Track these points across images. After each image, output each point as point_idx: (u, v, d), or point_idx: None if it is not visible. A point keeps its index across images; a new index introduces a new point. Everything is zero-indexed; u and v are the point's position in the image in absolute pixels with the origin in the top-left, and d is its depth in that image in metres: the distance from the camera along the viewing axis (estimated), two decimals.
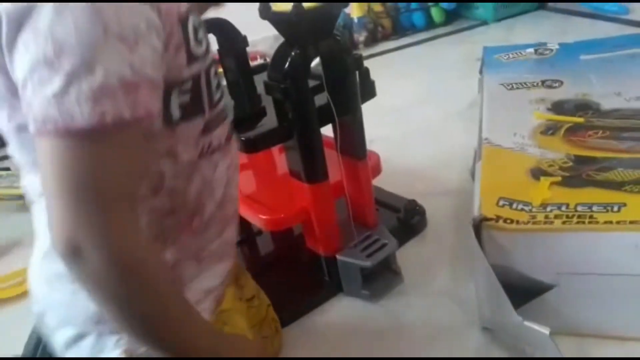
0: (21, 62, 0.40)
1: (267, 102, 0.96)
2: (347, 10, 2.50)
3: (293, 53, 0.86)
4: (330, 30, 0.90)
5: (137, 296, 0.46)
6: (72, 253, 0.42)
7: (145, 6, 0.43)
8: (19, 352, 0.88)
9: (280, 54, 0.88)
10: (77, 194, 0.41)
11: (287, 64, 0.85)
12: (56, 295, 0.56)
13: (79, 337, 0.56)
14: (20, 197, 1.55)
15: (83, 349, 0.56)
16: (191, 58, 0.49)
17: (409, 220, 1.22)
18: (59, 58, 0.39)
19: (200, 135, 0.55)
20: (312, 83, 0.91)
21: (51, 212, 0.42)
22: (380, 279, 1.06)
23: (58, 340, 0.58)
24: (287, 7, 0.82)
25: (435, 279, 1.09)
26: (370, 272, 1.04)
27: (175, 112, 0.50)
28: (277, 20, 0.87)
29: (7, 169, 1.84)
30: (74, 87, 0.39)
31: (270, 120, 0.92)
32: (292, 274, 1.15)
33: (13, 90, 0.44)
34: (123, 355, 0.54)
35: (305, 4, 0.81)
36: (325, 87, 0.91)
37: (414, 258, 1.15)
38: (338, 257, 1.02)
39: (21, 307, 1.19)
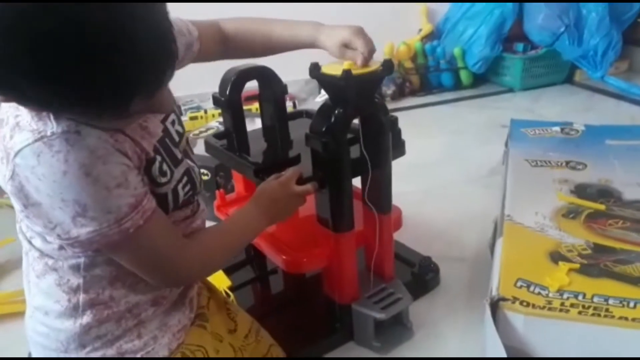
0: (53, 213, 0.59)
1: (301, 150, 1.01)
2: None
3: (336, 112, 0.90)
4: (373, 93, 0.94)
5: (214, 260, 0.79)
6: (172, 285, 0.75)
7: (122, 157, 0.61)
8: None
9: (325, 110, 0.93)
10: (141, 266, 0.68)
11: (331, 121, 0.90)
12: (36, 328, 0.72)
13: None
14: None
15: None
16: (156, 184, 0.68)
17: (423, 276, 1.24)
18: (85, 213, 0.59)
19: None
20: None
21: (143, 276, 0.69)
22: (391, 331, 1.08)
23: None
24: (336, 69, 0.86)
25: (444, 343, 1.10)
26: (382, 323, 1.06)
27: None
28: (325, 81, 0.91)
29: None
30: (103, 223, 0.60)
31: (303, 168, 0.96)
32: (303, 317, 1.16)
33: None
34: None
35: (354, 70, 0.85)
36: (362, 143, 0.95)
37: (425, 315, 1.17)
38: (353, 306, 1.05)
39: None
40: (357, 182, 1.02)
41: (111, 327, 0.70)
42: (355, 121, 0.96)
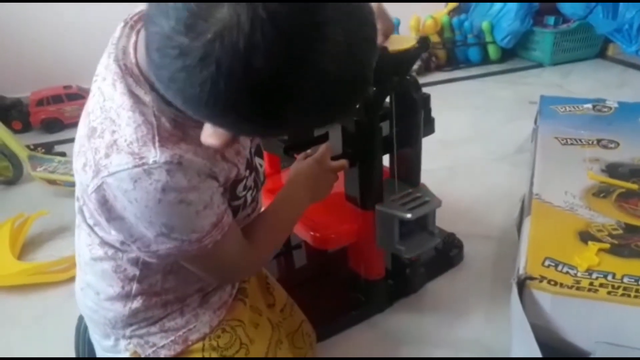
0: (137, 229, 0.59)
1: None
2: None
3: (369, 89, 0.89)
4: (407, 71, 0.93)
5: (268, 254, 0.81)
6: (230, 283, 0.79)
7: (213, 182, 0.61)
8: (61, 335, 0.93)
9: None
10: (207, 271, 0.69)
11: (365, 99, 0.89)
12: (86, 302, 0.74)
13: (103, 338, 0.75)
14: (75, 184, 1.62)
15: (105, 347, 0.75)
16: (235, 198, 0.69)
17: (447, 252, 1.24)
18: (170, 233, 0.59)
19: None
20: None
21: (206, 278, 0.72)
22: (415, 237, 1.04)
23: (93, 336, 0.78)
24: None
25: (468, 320, 1.11)
26: (407, 230, 1.02)
27: None
28: None
29: (63, 154, 1.92)
30: (185, 241, 0.60)
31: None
32: (328, 291, 1.18)
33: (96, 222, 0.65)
34: (131, 356, 0.72)
35: (390, 48, 0.83)
36: (393, 120, 0.94)
37: (447, 291, 1.18)
38: (377, 207, 1.00)
39: (65, 291, 1.26)
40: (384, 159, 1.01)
41: (157, 312, 0.72)
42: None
